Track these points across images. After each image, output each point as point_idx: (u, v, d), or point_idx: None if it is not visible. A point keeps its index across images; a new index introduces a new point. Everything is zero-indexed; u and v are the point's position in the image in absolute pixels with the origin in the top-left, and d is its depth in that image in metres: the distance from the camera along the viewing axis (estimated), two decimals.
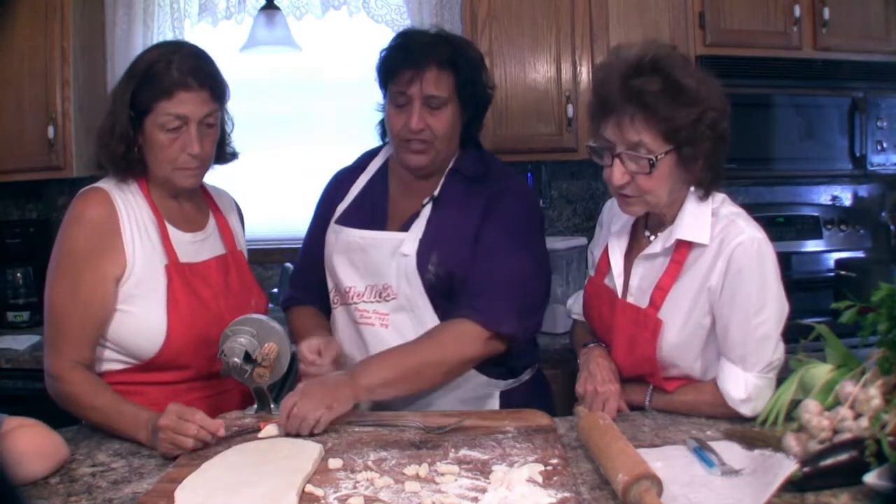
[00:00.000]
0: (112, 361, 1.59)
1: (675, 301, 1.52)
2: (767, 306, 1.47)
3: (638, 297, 1.58)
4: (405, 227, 1.71)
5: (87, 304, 1.53)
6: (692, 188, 1.51)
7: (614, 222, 1.67)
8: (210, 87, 1.59)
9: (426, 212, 1.71)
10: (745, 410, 1.48)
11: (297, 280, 1.92)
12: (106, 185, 1.61)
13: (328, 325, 1.81)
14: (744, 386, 1.47)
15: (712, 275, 1.48)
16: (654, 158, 1.43)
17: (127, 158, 1.58)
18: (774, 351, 1.48)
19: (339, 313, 1.78)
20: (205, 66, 1.60)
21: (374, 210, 1.76)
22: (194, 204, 1.73)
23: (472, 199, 1.71)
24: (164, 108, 1.54)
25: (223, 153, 1.73)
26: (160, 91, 1.54)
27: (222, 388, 1.67)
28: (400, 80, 1.64)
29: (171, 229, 1.64)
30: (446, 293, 1.67)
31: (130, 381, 1.58)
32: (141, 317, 1.56)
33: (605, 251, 1.67)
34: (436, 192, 1.72)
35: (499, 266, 1.65)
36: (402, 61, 1.64)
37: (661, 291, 1.53)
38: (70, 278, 1.54)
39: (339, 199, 1.81)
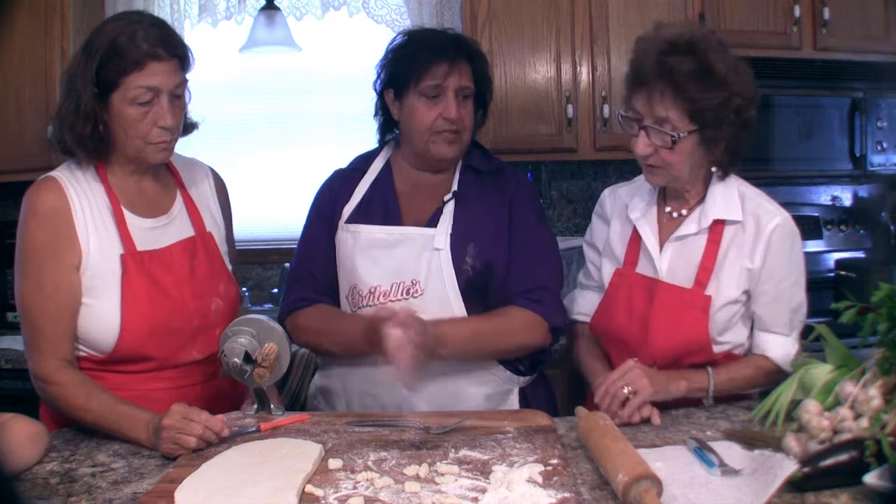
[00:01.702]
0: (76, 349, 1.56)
1: (717, 279, 1.59)
2: (802, 275, 1.61)
3: (669, 279, 1.62)
4: (429, 224, 1.72)
5: (54, 297, 1.50)
6: (713, 168, 1.59)
7: (632, 207, 1.70)
8: (179, 56, 1.53)
9: (450, 207, 1.72)
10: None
11: (300, 283, 1.81)
12: (58, 173, 1.56)
13: None
14: (791, 349, 1.58)
15: (754, 256, 1.58)
16: (676, 136, 1.50)
17: (94, 138, 1.51)
18: (805, 308, 1.63)
19: None
20: (172, 36, 1.54)
21: (385, 209, 1.75)
22: (159, 184, 1.65)
23: (489, 193, 1.76)
24: (135, 81, 1.48)
25: (185, 125, 1.64)
26: (130, 63, 1.47)
27: (190, 381, 1.62)
28: (435, 73, 1.66)
29: (129, 216, 1.57)
30: (480, 287, 1.69)
31: (90, 368, 1.55)
32: (97, 310, 1.52)
33: (633, 240, 1.69)
34: (455, 188, 1.75)
35: (543, 263, 1.74)
36: (435, 54, 1.67)
37: (705, 271, 1.59)
38: (34, 275, 1.51)
39: (342, 201, 1.79)
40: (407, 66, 1.69)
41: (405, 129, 1.76)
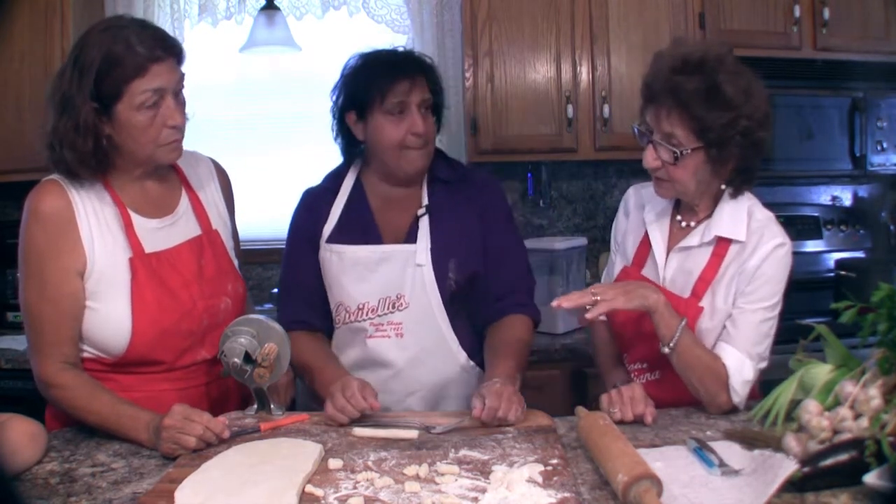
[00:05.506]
0: (83, 350, 1.55)
1: (713, 292, 1.59)
2: (779, 305, 1.57)
3: (670, 287, 1.63)
4: (408, 239, 1.75)
5: (56, 301, 1.50)
6: (723, 186, 1.60)
7: (649, 210, 1.72)
8: (175, 54, 1.52)
9: (425, 221, 1.76)
10: (738, 396, 1.53)
11: (294, 299, 1.83)
12: (60, 175, 1.54)
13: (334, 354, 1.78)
14: (749, 371, 1.54)
15: (746, 266, 1.56)
16: (678, 152, 1.52)
17: (97, 154, 1.49)
18: (769, 346, 1.57)
19: (343, 332, 1.78)
20: (163, 34, 1.53)
21: (363, 227, 1.78)
22: (163, 184, 1.64)
23: (460, 204, 1.79)
24: (139, 87, 1.47)
25: None
26: (132, 70, 1.46)
27: (198, 381, 1.62)
28: (397, 91, 1.69)
29: (135, 217, 1.56)
30: (463, 297, 1.75)
31: (98, 370, 1.55)
32: (105, 315, 1.52)
33: (643, 242, 1.71)
34: (425, 202, 1.78)
35: (520, 265, 1.83)
36: (397, 72, 1.71)
37: (703, 283, 1.60)
38: (35, 278, 1.51)
39: (321, 220, 1.80)
40: (368, 86, 1.71)
41: (373, 147, 1.77)
